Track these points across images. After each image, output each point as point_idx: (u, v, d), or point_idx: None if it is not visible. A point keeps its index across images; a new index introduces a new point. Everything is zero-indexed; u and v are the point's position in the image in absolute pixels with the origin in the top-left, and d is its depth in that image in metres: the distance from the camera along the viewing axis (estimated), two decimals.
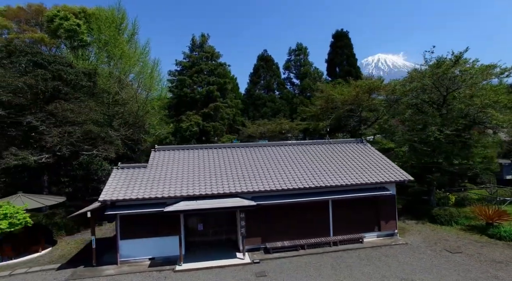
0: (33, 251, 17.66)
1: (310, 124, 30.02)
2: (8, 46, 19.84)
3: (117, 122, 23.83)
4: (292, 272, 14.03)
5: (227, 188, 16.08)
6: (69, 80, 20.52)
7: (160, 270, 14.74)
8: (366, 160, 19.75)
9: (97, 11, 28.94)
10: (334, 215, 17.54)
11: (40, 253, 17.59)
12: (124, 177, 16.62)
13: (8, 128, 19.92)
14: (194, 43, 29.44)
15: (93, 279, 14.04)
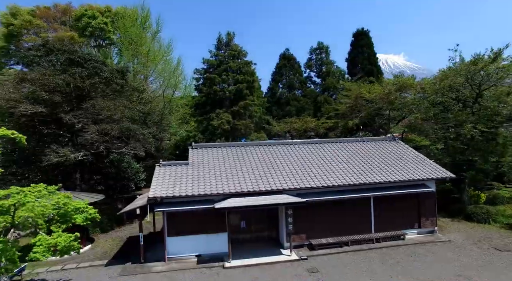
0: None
1: (338, 122, 30.04)
2: (47, 45, 19.90)
3: (150, 119, 23.90)
4: (343, 268, 14.08)
5: (274, 185, 16.13)
6: (105, 78, 20.57)
7: (210, 267, 14.80)
8: (403, 157, 19.76)
9: (122, 9, 29.03)
10: (376, 212, 17.55)
11: (83, 250, 17.66)
12: (169, 174, 16.67)
13: (47, 126, 20.00)
14: (220, 42, 29.48)
15: (146, 275, 14.11)
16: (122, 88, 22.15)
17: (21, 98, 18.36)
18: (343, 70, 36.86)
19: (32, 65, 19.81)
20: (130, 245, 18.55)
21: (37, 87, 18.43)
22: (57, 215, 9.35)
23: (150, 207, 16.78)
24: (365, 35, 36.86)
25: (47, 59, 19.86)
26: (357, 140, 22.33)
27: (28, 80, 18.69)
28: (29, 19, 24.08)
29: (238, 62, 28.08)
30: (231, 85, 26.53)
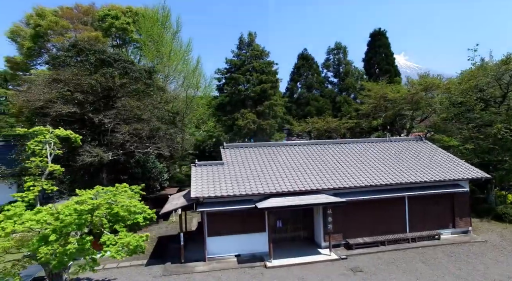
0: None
1: (360, 122, 30.10)
2: (78, 45, 19.93)
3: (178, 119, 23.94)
4: (386, 267, 14.10)
5: (312, 184, 16.17)
6: (134, 78, 20.60)
7: (251, 266, 14.81)
8: (433, 157, 19.80)
9: (144, 9, 29.09)
10: (410, 211, 17.56)
11: None
12: (206, 174, 16.70)
13: (79, 125, 20.05)
14: (241, 42, 29.55)
15: (190, 275, 14.12)
16: (148, 88, 22.18)
17: (55, 98, 18.39)
18: (361, 70, 36.88)
19: (63, 65, 19.82)
20: (162, 245, 18.55)
21: (70, 87, 18.46)
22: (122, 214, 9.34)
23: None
24: (382, 35, 36.93)
25: (78, 59, 19.89)
26: (385, 140, 22.39)
27: (62, 81, 18.72)
28: (56, 20, 24.14)
29: (261, 62, 28.12)
30: (255, 85, 26.57)
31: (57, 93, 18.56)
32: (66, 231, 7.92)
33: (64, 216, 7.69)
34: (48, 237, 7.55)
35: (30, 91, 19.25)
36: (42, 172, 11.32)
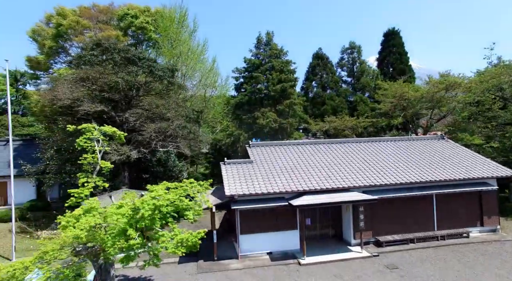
0: None
1: (378, 121, 30.17)
2: (103, 44, 20.01)
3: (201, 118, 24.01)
4: (420, 265, 14.12)
5: (343, 182, 16.23)
6: (158, 76, 20.67)
7: (285, 264, 14.84)
8: (458, 155, 19.82)
9: (162, 9, 29.21)
10: (438, 209, 17.57)
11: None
12: (237, 172, 16.73)
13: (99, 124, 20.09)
14: (259, 41, 29.63)
15: (226, 272, 14.16)
16: (170, 86, 22.24)
17: (83, 97, 18.46)
18: (376, 70, 36.90)
19: (88, 64, 19.88)
20: None
21: (98, 86, 18.53)
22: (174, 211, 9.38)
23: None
24: (396, 34, 37.05)
25: (103, 58, 19.96)
26: (407, 139, 22.42)
27: (89, 79, 18.79)
28: (77, 19, 24.24)
29: (280, 61, 28.20)
30: (275, 84, 26.63)
31: (85, 92, 18.62)
32: (140, 226, 7.98)
33: (145, 211, 7.75)
34: (127, 231, 7.63)
35: (57, 89, 19.29)
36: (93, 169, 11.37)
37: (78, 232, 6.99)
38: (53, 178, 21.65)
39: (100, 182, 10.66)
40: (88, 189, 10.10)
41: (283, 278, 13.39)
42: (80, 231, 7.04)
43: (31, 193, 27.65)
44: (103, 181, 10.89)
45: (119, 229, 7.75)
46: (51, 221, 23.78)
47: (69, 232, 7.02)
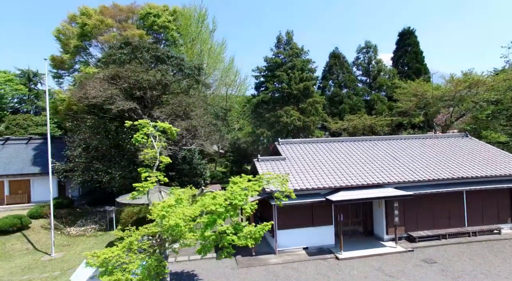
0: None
1: (402, 119, 30.46)
2: (133, 43, 20.24)
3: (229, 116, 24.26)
4: (458, 259, 14.33)
5: (377, 178, 16.47)
6: (187, 74, 20.88)
7: (323, 258, 15.06)
8: (485, 153, 20.06)
9: (181, 8, 29.48)
10: (468, 206, 17.76)
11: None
12: (271, 169, 16.95)
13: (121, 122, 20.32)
14: (279, 41, 29.92)
15: (267, 266, 14.36)
16: (197, 84, 22.46)
17: (116, 95, 18.68)
18: (391, 68, 37.10)
19: (118, 62, 20.10)
20: None
21: (130, 84, 18.75)
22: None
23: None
24: (411, 34, 37.36)
25: (133, 56, 20.18)
26: (431, 137, 22.65)
27: (121, 77, 19.00)
28: (101, 18, 24.47)
29: (301, 60, 28.48)
30: (297, 83, 26.89)
31: (117, 90, 18.84)
32: (225, 216, 8.22)
33: (238, 201, 7.98)
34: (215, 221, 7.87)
35: (88, 88, 19.50)
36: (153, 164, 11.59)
37: (178, 221, 7.20)
38: (81, 175, 21.87)
39: (161, 176, 10.89)
40: (152, 183, 10.33)
41: (325, 272, 13.60)
42: (179, 220, 7.26)
43: (54, 191, 27.92)
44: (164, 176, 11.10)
45: (210, 219, 7.97)
46: (76, 218, 24.07)
47: (171, 220, 7.23)
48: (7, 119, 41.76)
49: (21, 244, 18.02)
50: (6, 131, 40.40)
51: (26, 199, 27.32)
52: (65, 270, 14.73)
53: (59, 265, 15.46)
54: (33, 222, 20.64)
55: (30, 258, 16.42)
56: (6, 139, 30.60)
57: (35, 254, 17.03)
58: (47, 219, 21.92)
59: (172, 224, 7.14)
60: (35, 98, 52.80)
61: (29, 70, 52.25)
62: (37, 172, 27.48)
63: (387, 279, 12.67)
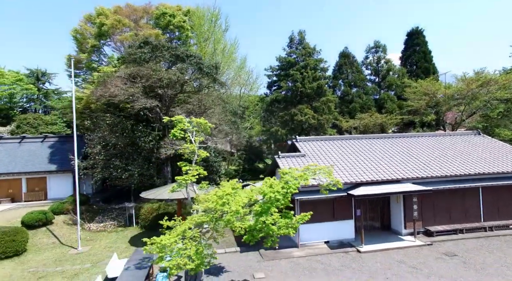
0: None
1: (415, 118, 30.94)
2: (153, 42, 20.66)
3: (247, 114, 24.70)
4: (477, 252, 14.73)
5: (396, 174, 16.88)
6: (205, 73, 21.29)
7: (344, 251, 15.47)
8: (499, 150, 20.44)
9: (195, 9, 29.92)
10: (484, 201, 18.16)
11: None
12: (292, 165, 17.35)
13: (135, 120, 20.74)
14: (292, 40, 30.39)
15: (291, 259, 14.78)
16: (214, 82, 22.86)
17: (138, 93, 19.10)
18: (400, 68, 37.48)
19: (138, 61, 20.50)
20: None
21: (151, 82, 19.16)
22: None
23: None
24: (419, 33, 37.82)
25: (153, 55, 20.58)
26: (444, 134, 23.06)
27: (142, 76, 19.42)
28: (119, 18, 24.89)
29: (314, 60, 28.94)
30: (311, 82, 27.34)
31: (139, 88, 19.25)
32: (277, 205, 8.67)
33: (292, 189, 8.45)
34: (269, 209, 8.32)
35: (109, 86, 19.91)
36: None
37: (238, 208, 7.63)
38: (100, 172, 22.28)
39: (201, 170, 11.30)
40: (194, 176, 10.75)
41: (349, 264, 14.02)
42: (239, 207, 7.69)
43: (69, 188, 28.37)
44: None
45: (264, 207, 8.40)
46: (94, 214, 24.48)
47: (233, 206, 7.65)
48: (18, 118, 42.22)
49: (47, 238, 18.45)
50: (18, 130, 40.82)
51: (43, 196, 27.72)
52: (95, 263, 15.17)
53: (87, 258, 15.89)
54: (56, 217, 21.07)
55: (58, 251, 16.86)
56: (22, 137, 31.05)
57: (62, 248, 17.47)
58: (68, 215, 22.37)
59: (234, 209, 7.56)
60: (44, 97, 53.33)
61: (38, 69, 52.77)
62: (54, 169, 27.89)
63: (411, 270, 13.08)
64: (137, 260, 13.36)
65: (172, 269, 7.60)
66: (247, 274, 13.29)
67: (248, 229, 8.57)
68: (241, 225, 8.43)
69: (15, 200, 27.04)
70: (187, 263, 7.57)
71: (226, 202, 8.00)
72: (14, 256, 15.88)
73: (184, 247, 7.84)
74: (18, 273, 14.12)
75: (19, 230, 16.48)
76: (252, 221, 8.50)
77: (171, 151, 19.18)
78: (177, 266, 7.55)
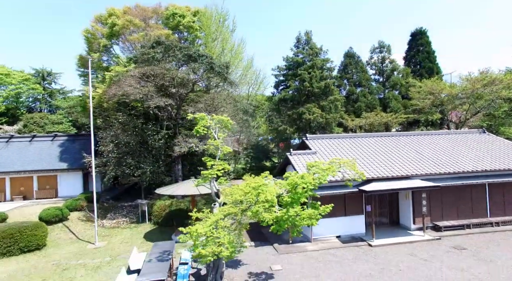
0: None
1: (420, 117, 31.50)
2: (165, 42, 21.12)
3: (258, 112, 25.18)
4: (486, 246, 15.22)
5: (405, 170, 17.37)
6: (217, 72, 21.75)
7: (356, 245, 15.96)
8: (505, 147, 20.94)
9: (203, 9, 30.39)
10: (491, 197, 18.65)
11: None
12: (304, 162, 17.79)
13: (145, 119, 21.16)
14: (298, 41, 30.94)
15: (306, 253, 15.25)
16: (224, 82, 23.32)
17: (152, 92, 19.55)
18: (408, 68, 37.98)
19: (151, 61, 20.96)
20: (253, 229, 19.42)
21: (165, 81, 19.62)
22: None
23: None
24: (423, 34, 38.38)
25: (166, 55, 21.04)
26: (449, 133, 23.56)
27: (155, 75, 19.87)
28: (130, 19, 25.34)
29: (321, 59, 29.50)
30: (318, 81, 27.88)
31: (153, 87, 19.71)
32: (306, 195, 9.18)
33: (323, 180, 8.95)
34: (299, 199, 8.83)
35: (122, 85, 20.34)
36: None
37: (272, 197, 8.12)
38: (113, 170, 22.73)
39: (225, 164, 11.77)
40: (219, 170, 11.24)
41: (362, 256, 14.50)
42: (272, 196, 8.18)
43: (79, 186, 28.84)
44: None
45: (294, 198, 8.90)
46: (105, 212, 24.96)
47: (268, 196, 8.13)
48: (25, 118, 42.60)
49: (64, 234, 18.92)
50: (25, 129, 41.17)
51: (54, 194, 28.13)
52: (114, 257, 15.62)
53: (106, 252, 16.34)
54: (71, 214, 21.51)
55: (76, 246, 17.31)
56: (33, 136, 31.50)
57: (79, 243, 17.92)
58: (82, 212, 22.84)
59: (269, 198, 8.04)
60: (49, 97, 53.73)
61: (43, 69, 53.20)
62: (64, 168, 28.30)
63: (423, 262, 13.56)
64: (157, 253, 13.79)
65: (208, 256, 8.06)
66: (265, 266, 13.76)
67: (275, 220, 9.04)
68: (269, 216, 8.90)
69: (27, 197, 27.47)
70: (222, 251, 8.05)
71: (260, 192, 8.47)
72: (36, 250, 16.37)
73: (217, 236, 8.31)
74: (42, 265, 14.58)
75: (39, 225, 16.94)
76: (278, 213, 8.97)
77: (184, 149, 19.61)
78: (212, 253, 8.02)
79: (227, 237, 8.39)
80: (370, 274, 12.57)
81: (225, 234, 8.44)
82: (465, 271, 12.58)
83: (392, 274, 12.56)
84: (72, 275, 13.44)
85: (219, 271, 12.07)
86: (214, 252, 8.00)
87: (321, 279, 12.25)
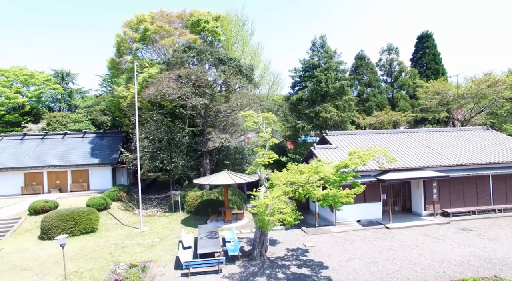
0: (238, 218, 21.04)
1: (428, 115, 33.63)
2: (197, 47, 23.23)
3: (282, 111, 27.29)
4: (489, 228, 17.31)
5: (418, 162, 19.46)
6: (245, 75, 23.83)
7: (375, 228, 18.07)
8: (507, 142, 22.99)
9: (225, 15, 32.48)
10: (494, 187, 20.71)
11: (242, 222, 20.73)
12: (327, 155, 19.90)
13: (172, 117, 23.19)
14: (314, 44, 33.09)
15: (332, 234, 17.34)
16: (250, 83, 25.39)
17: (189, 93, 21.66)
18: (415, 69, 39.99)
19: (185, 65, 23.08)
20: None
21: (201, 83, 21.73)
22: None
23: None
24: (429, 37, 40.42)
25: (199, 59, 23.16)
26: (456, 130, 25.62)
27: (189, 77, 21.97)
28: (161, 24, 27.39)
29: (335, 62, 31.62)
30: (334, 82, 29.99)
31: (190, 87, 21.82)
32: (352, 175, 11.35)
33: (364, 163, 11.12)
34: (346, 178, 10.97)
35: (158, 86, 22.42)
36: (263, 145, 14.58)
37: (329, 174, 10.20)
38: (148, 164, 24.86)
39: (273, 153, 13.83)
40: (270, 158, 13.35)
41: (381, 236, 16.61)
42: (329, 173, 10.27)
43: (108, 180, 30.97)
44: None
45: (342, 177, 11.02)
46: (136, 203, 27.08)
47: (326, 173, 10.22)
48: (48, 117, 44.66)
49: (110, 220, 21.04)
50: (48, 128, 43.25)
51: (86, 187, 30.25)
52: (162, 238, 17.73)
53: (153, 235, 18.46)
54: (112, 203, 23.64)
55: (124, 230, 19.44)
56: (65, 133, 33.70)
57: (125, 228, 20.03)
58: (119, 202, 24.97)
59: (327, 175, 10.13)
60: (68, 97, 55.93)
61: (63, 70, 55.47)
62: (96, 163, 30.40)
63: (435, 240, 15.66)
64: (204, 233, 15.94)
65: (274, 223, 10.17)
66: (298, 243, 15.90)
67: (322, 197, 11.07)
68: (318, 193, 10.94)
69: (62, 190, 29.60)
70: (286, 218, 10.12)
71: (319, 170, 10.55)
72: (91, 232, 18.51)
73: (281, 207, 10.37)
74: (103, 243, 16.73)
75: (92, 210, 19.08)
76: (324, 191, 11.04)
77: (218, 144, 21.72)
78: (277, 220, 10.12)
79: (289, 207, 10.47)
80: (391, 248, 14.71)
81: (286, 206, 10.52)
82: (472, 247, 14.67)
83: (410, 249, 14.66)
84: (133, 251, 15.57)
85: (264, 245, 14.21)
86: (279, 219, 10.08)
87: (350, 252, 14.39)
